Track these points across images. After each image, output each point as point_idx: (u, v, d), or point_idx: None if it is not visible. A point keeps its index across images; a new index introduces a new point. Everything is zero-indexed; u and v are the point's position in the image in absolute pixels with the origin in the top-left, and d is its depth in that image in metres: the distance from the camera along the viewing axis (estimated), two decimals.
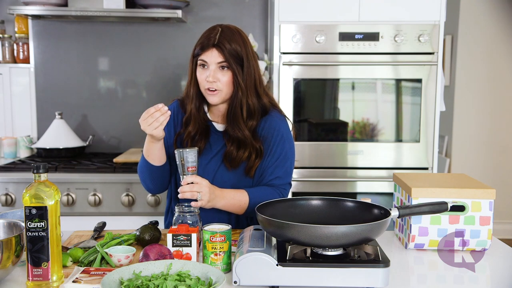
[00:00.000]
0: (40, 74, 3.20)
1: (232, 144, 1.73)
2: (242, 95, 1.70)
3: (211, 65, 1.68)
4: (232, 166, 1.74)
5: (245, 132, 1.72)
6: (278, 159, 1.76)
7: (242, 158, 1.73)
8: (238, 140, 1.73)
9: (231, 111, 1.73)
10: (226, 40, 1.67)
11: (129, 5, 2.95)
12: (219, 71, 1.68)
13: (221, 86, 1.69)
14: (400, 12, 2.70)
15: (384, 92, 2.77)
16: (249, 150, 1.73)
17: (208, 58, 1.68)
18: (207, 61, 1.68)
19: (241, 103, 1.71)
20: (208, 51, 1.67)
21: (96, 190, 2.64)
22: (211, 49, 1.67)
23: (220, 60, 1.67)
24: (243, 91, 1.70)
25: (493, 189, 1.54)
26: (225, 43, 1.66)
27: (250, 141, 1.73)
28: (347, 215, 1.47)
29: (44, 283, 1.26)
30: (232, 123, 1.73)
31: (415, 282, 1.39)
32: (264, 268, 1.25)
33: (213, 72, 1.67)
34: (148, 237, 1.55)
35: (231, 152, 1.73)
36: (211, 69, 1.68)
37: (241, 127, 1.72)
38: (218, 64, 1.67)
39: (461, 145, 4.45)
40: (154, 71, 3.23)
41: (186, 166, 1.59)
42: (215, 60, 1.67)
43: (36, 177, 1.26)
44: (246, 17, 3.18)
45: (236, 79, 1.69)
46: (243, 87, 1.70)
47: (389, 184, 2.77)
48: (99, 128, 3.26)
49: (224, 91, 1.70)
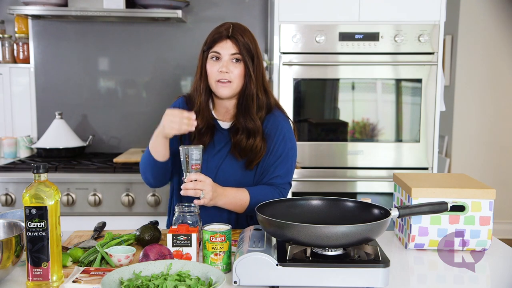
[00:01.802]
0: (40, 74, 3.20)
1: (241, 134, 1.75)
2: (254, 87, 1.73)
3: (224, 56, 1.70)
4: (241, 155, 1.75)
5: (256, 122, 1.75)
6: (279, 158, 1.77)
7: (252, 147, 1.74)
8: (249, 130, 1.74)
9: (242, 103, 1.76)
10: (239, 33, 1.71)
11: (129, 5, 2.94)
12: (231, 63, 1.71)
13: (233, 77, 1.71)
14: (400, 12, 2.70)
15: (384, 92, 2.77)
16: (258, 140, 1.75)
17: (221, 49, 1.70)
18: (220, 52, 1.70)
19: (253, 95, 1.74)
20: (222, 42, 1.70)
21: (96, 190, 2.64)
22: (225, 40, 1.70)
23: (234, 51, 1.70)
24: (254, 83, 1.73)
25: (493, 189, 1.54)
26: (238, 35, 1.70)
27: (260, 132, 1.75)
28: (347, 215, 1.47)
29: (44, 283, 1.26)
30: (245, 114, 1.75)
31: (415, 282, 1.39)
32: (264, 268, 1.25)
33: (226, 63, 1.70)
34: (148, 237, 1.56)
35: (240, 142, 1.74)
36: (224, 59, 1.70)
37: (253, 118, 1.74)
38: (232, 56, 1.70)
39: (461, 145, 4.45)
40: (154, 71, 3.23)
41: (190, 163, 1.59)
42: (228, 52, 1.70)
43: (36, 177, 1.26)
44: (246, 17, 3.18)
45: (248, 72, 1.71)
46: (255, 80, 1.73)
47: (389, 184, 2.77)
48: (99, 128, 3.26)
49: (235, 83, 1.72)
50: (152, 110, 3.23)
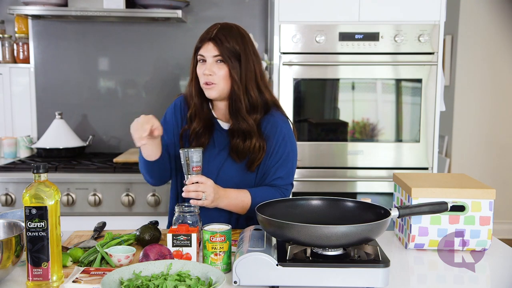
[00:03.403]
0: (40, 74, 3.20)
1: (238, 137, 1.75)
2: (239, 90, 1.72)
3: (207, 58, 1.71)
4: (239, 158, 1.75)
5: (249, 121, 1.74)
6: (280, 159, 1.77)
7: (250, 148, 1.74)
8: (244, 132, 1.74)
9: (232, 106, 1.75)
10: (222, 34, 1.70)
11: (129, 5, 2.94)
12: (215, 64, 1.71)
13: (217, 79, 1.71)
14: (400, 12, 2.70)
15: (384, 92, 2.77)
16: (255, 140, 1.74)
17: (205, 52, 1.71)
18: (204, 55, 1.71)
19: (239, 98, 1.73)
20: (205, 45, 1.71)
21: (96, 190, 2.64)
22: (207, 42, 1.71)
23: (215, 54, 1.70)
24: (239, 86, 1.72)
25: (493, 189, 1.54)
26: (221, 37, 1.70)
27: (255, 132, 1.74)
28: (347, 215, 1.47)
29: (44, 283, 1.26)
30: (236, 116, 1.75)
31: (415, 282, 1.39)
32: (264, 268, 1.25)
33: (210, 65, 1.70)
34: (148, 237, 1.56)
35: (238, 144, 1.74)
36: (208, 62, 1.71)
37: (245, 118, 1.74)
38: (214, 57, 1.70)
39: (461, 145, 4.45)
40: (154, 71, 3.23)
41: (191, 166, 1.59)
42: (211, 54, 1.70)
43: (36, 177, 1.26)
44: (246, 17, 3.18)
45: (231, 74, 1.71)
46: (239, 82, 1.71)
47: (389, 184, 2.77)
48: (99, 128, 3.26)
49: (220, 85, 1.71)
50: (152, 110, 3.22)
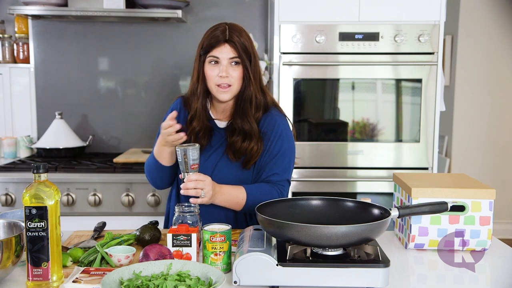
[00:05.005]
0: (40, 74, 3.20)
1: (237, 135, 1.75)
2: (253, 89, 1.73)
3: (223, 60, 1.69)
4: (235, 157, 1.75)
5: (253, 125, 1.74)
6: (276, 155, 1.77)
7: (247, 150, 1.74)
8: (245, 132, 1.74)
9: (240, 105, 1.76)
10: (236, 35, 1.69)
11: (129, 5, 2.94)
12: (230, 66, 1.70)
13: (233, 81, 1.71)
14: (400, 12, 2.70)
15: (384, 92, 2.77)
16: (254, 143, 1.74)
17: (220, 53, 1.69)
18: (219, 56, 1.69)
19: (251, 97, 1.74)
20: (220, 47, 1.69)
21: (96, 190, 2.64)
22: (223, 44, 1.68)
23: (233, 55, 1.69)
24: (253, 85, 1.73)
25: (493, 189, 1.54)
26: (235, 38, 1.69)
27: (256, 134, 1.75)
28: (347, 215, 1.47)
29: (44, 283, 1.26)
30: (242, 116, 1.75)
31: (415, 282, 1.39)
32: (264, 268, 1.25)
33: (225, 67, 1.69)
34: (148, 237, 1.56)
35: (235, 143, 1.74)
36: (223, 64, 1.69)
37: (250, 120, 1.74)
38: (231, 59, 1.69)
39: (461, 145, 4.45)
40: (154, 71, 3.23)
41: (189, 164, 1.59)
42: (227, 56, 1.69)
43: (36, 177, 1.26)
44: (246, 17, 3.18)
45: (247, 73, 1.71)
46: (254, 83, 1.73)
47: (389, 184, 2.77)
48: (99, 128, 3.26)
49: (235, 86, 1.72)
50: (152, 110, 3.23)
